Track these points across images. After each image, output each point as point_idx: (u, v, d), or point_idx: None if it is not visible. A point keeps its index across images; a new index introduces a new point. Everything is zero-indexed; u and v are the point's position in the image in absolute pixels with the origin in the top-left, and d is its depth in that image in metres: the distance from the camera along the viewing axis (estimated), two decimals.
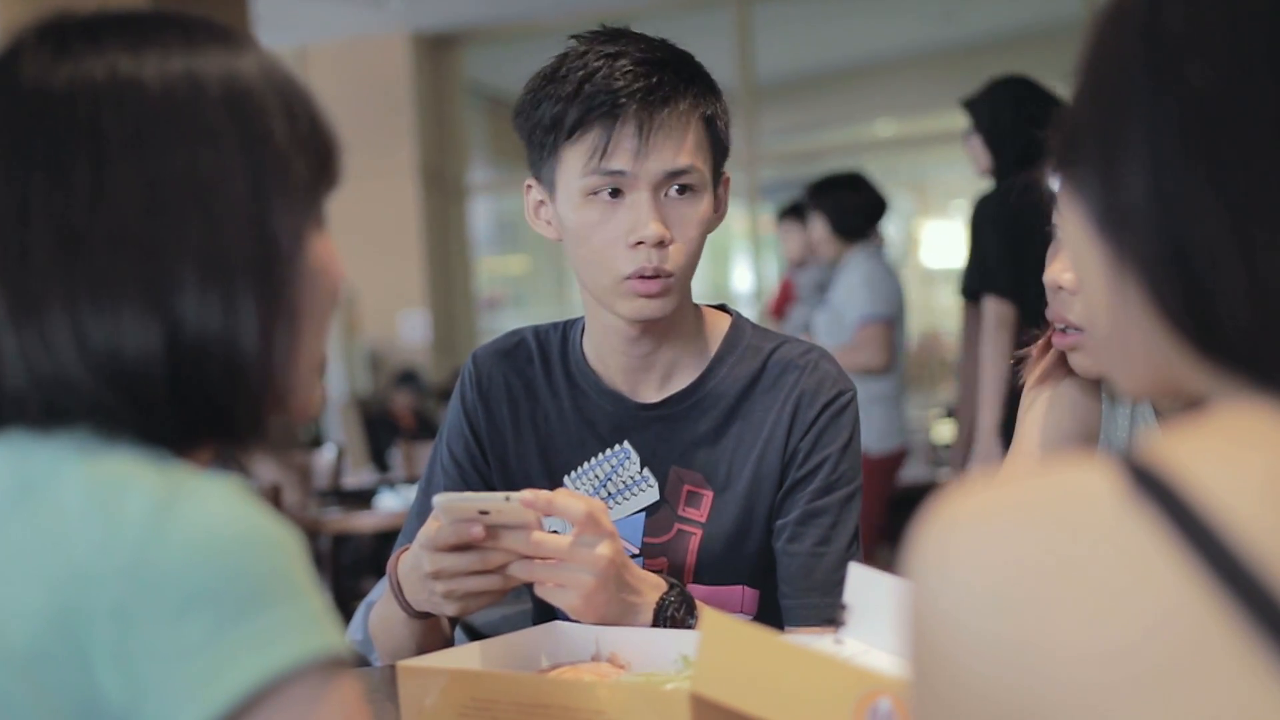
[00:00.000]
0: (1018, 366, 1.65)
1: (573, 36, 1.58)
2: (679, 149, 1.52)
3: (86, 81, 0.82)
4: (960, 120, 3.87)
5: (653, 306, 1.53)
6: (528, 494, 1.33)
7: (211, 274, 0.82)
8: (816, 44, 9.72)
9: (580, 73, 1.51)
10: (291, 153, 0.86)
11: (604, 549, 1.36)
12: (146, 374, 0.81)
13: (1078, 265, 0.70)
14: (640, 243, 1.50)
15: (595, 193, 1.52)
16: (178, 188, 0.81)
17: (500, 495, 1.33)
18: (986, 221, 3.62)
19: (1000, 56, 9.76)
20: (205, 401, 0.83)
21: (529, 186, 1.61)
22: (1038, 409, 1.60)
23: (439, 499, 1.35)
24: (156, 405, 0.81)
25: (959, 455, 4.01)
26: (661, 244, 1.51)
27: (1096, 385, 1.58)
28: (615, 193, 1.52)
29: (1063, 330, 1.50)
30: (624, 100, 1.49)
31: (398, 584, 1.49)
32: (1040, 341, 1.61)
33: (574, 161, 1.53)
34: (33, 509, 0.78)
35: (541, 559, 1.37)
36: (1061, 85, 0.73)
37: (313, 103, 0.90)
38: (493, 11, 8.60)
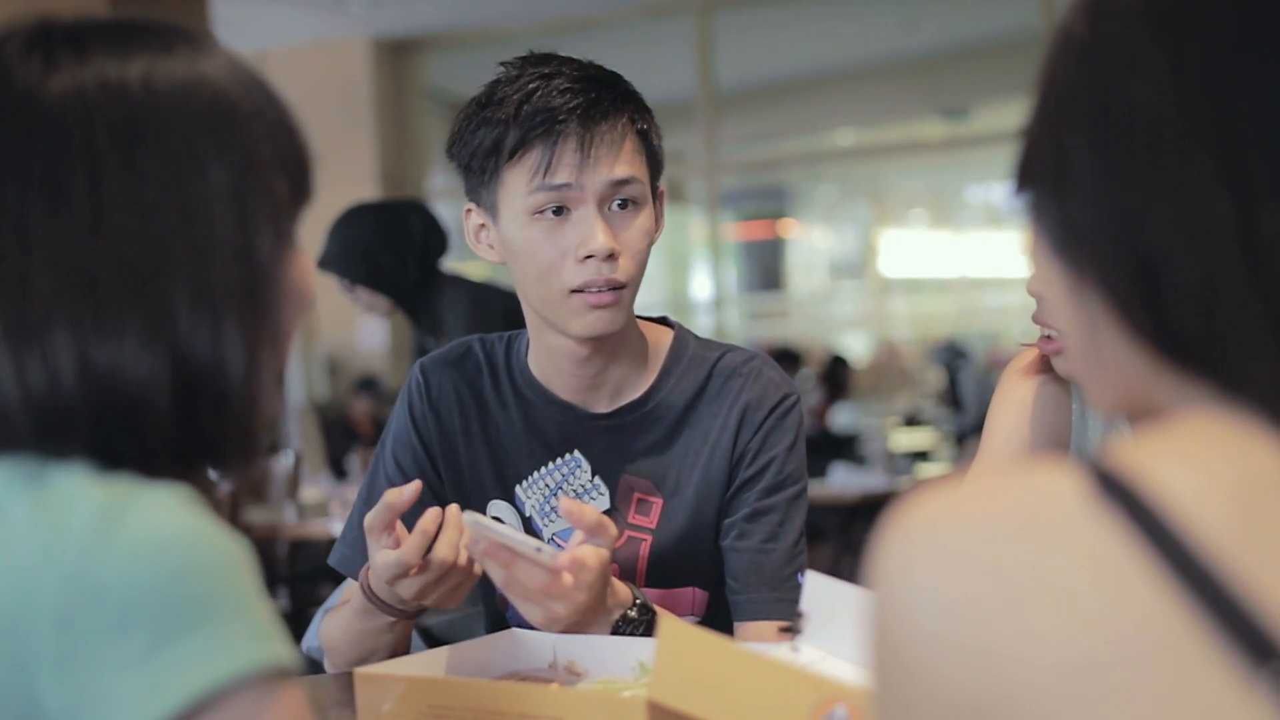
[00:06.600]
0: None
1: (502, 64, 1.60)
2: (617, 160, 1.54)
3: (80, 96, 0.81)
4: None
5: (605, 319, 1.54)
6: (563, 558, 1.34)
7: (200, 301, 0.81)
8: (777, 53, 9.75)
9: (517, 95, 1.53)
10: (272, 173, 0.86)
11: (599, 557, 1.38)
12: (148, 400, 0.80)
13: (1045, 283, 0.70)
14: (590, 256, 1.52)
15: (540, 211, 1.53)
16: (169, 213, 0.81)
17: (533, 544, 1.32)
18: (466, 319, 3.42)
19: (958, 67, 9.84)
20: (196, 427, 0.82)
21: (468, 211, 1.62)
22: (1012, 409, 1.62)
23: (472, 517, 1.33)
24: (153, 431, 0.80)
25: None
26: (611, 256, 1.53)
27: (1069, 389, 1.61)
28: (559, 210, 1.53)
29: (1047, 337, 1.53)
30: (563, 117, 1.52)
31: (379, 598, 1.49)
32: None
33: (517, 181, 1.54)
34: None
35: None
36: (1022, 97, 0.74)
37: (291, 118, 0.89)
38: (453, 17, 8.58)
